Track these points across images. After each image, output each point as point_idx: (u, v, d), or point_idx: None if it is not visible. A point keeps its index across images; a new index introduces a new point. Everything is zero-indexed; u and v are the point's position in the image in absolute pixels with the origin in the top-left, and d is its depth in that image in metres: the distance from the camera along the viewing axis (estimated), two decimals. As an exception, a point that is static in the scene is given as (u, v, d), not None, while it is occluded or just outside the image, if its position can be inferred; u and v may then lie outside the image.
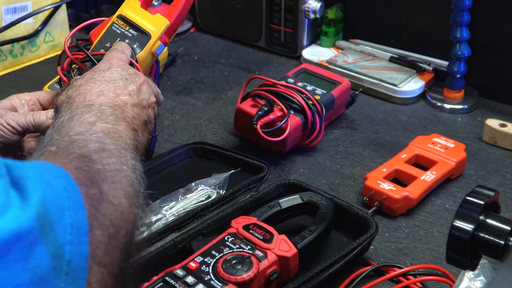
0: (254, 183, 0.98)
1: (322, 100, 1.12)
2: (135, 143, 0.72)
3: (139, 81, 0.81)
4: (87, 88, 0.75)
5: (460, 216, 0.64)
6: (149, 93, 0.82)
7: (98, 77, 0.78)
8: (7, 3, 1.32)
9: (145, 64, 0.92)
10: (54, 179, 0.54)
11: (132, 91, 0.78)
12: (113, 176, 0.61)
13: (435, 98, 1.27)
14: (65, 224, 0.52)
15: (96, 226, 0.55)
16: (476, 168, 1.08)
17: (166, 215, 0.90)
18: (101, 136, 0.66)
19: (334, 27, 1.41)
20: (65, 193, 0.54)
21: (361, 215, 0.90)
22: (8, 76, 1.36)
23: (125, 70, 0.81)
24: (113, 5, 1.68)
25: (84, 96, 0.74)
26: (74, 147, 0.62)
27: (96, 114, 0.70)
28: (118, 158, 0.64)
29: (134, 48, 0.91)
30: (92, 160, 0.61)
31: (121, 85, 0.78)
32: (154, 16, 0.93)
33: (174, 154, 1.06)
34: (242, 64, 1.42)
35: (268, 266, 0.79)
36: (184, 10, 0.93)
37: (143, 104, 0.79)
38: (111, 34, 0.92)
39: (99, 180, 0.59)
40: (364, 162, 1.10)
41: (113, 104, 0.74)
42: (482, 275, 0.78)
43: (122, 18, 0.93)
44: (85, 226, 0.54)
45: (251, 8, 1.44)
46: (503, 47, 1.23)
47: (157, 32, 0.91)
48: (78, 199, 0.55)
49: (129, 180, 0.63)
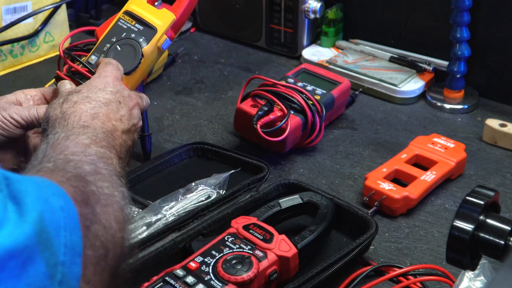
0: (254, 183, 0.98)
1: (322, 100, 1.12)
2: (122, 171, 0.73)
3: (131, 104, 0.81)
4: (82, 107, 0.75)
5: (460, 216, 0.64)
6: (138, 118, 0.82)
7: (93, 96, 0.78)
8: (7, 3, 1.32)
9: (151, 58, 0.92)
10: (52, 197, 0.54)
11: (124, 116, 0.79)
12: (106, 199, 0.61)
13: (435, 98, 1.27)
14: (59, 244, 0.52)
15: (87, 246, 0.55)
16: (476, 168, 1.08)
17: (166, 215, 0.90)
18: (95, 159, 0.66)
19: (334, 27, 1.41)
20: (62, 212, 0.54)
21: (361, 215, 0.90)
22: (8, 76, 1.36)
23: (119, 92, 0.81)
24: (113, 5, 1.68)
25: (79, 116, 0.74)
26: (70, 166, 0.63)
27: (91, 137, 0.70)
28: (110, 183, 0.64)
29: (140, 42, 0.91)
30: (87, 181, 0.61)
31: (114, 108, 0.78)
32: (160, 10, 0.93)
33: (174, 154, 1.06)
34: (242, 64, 1.42)
35: (268, 266, 0.79)
36: (190, 5, 0.93)
37: (131, 129, 0.80)
38: (117, 29, 0.93)
39: (92, 201, 0.59)
40: (364, 162, 1.10)
41: (106, 130, 0.74)
42: (482, 275, 0.78)
43: (129, 14, 0.93)
44: (79, 247, 0.54)
45: (251, 8, 1.44)
46: (503, 47, 1.23)
47: (163, 26, 0.91)
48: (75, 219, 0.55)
49: (120, 206, 0.63)
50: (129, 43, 0.91)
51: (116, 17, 0.94)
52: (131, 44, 0.91)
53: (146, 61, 0.91)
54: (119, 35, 0.92)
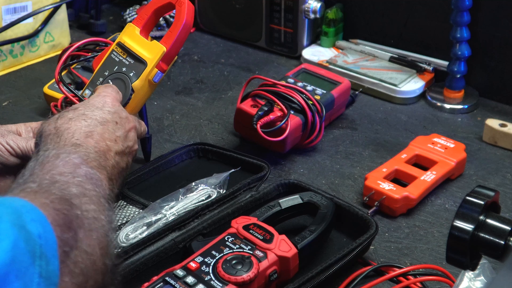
0: (255, 182, 0.98)
1: (322, 100, 1.12)
2: (112, 194, 0.71)
3: (128, 126, 0.80)
4: (77, 125, 0.74)
5: (460, 216, 0.64)
6: (134, 141, 0.81)
7: (90, 114, 0.77)
8: (7, 3, 1.32)
9: (142, 92, 0.91)
10: (30, 224, 0.53)
11: (119, 137, 0.78)
12: (90, 224, 0.60)
13: (435, 98, 1.27)
14: (33, 273, 0.51)
15: (66, 273, 0.54)
16: (476, 168, 1.08)
17: (166, 215, 0.90)
18: (84, 180, 0.65)
19: (334, 27, 1.41)
20: (39, 240, 0.52)
21: (361, 215, 0.90)
22: (8, 76, 1.36)
23: (117, 113, 0.80)
24: (113, 5, 1.68)
25: (73, 134, 0.73)
26: (56, 188, 0.61)
27: (82, 157, 0.69)
28: (97, 206, 0.63)
29: (130, 77, 0.90)
30: (72, 204, 0.60)
31: (110, 128, 0.77)
32: (151, 43, 0.92)
33: (174, 155, 1.06)
34: (242, 64, 1.42)
35: (268, 266, 0.79)
36: (181, 36, 0.92)
37: (125, 151, 0.79)
38: (110, 62, 0.92)
39: (75, 225, 0.58)
40: (364, 162, 1.10)
41: (99, 150, 0.73)
42: (482, 275, 0.78)
43: (121, 46, 0.93)
44: (55, 277, 0.53)
45: (251, 8, 1.44)
46: (503, 47, 1.23)
47: (153, 59, 0.91)
48: (52, 248, 0.53)
49: (105, 231, 0.62)
50: (120, 77, 0.91)
51: (110, 48, 0.93)
52: (122, 79, 0.90)
53: (138, 95, 0.91)
54: (111, 69, 0.92)
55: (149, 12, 0.94)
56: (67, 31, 1.46)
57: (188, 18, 0.91)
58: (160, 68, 0.91)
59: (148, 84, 0.91)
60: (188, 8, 0.92)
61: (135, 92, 0.90)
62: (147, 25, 0.94)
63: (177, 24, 0.91)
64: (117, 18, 1.61)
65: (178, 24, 0.91)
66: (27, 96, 1.29)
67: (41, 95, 1.25)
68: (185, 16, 0.91)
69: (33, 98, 1.28)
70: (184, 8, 0.91)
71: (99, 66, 0.93)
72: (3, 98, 1.28)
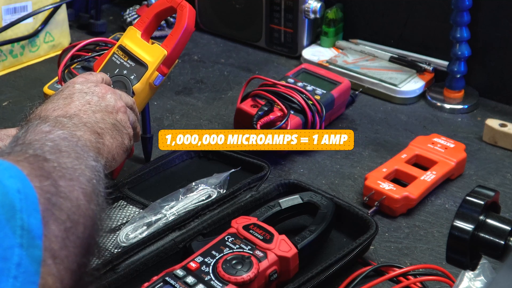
0: (255, 182, 0.98)
1: (322, 100, 1.12)
2: (97, 145, 0.72)
3: (100, 91, 0.81)
4: (43, 107, 0.75)
5: (460, 216, 0.64)
6: (115, 99, 0.82)
7: (55, 96, 0.78)
8: (7, 3, 1.32)
9: (142, 95, 0.92)
10: (8, 180, 0.53)
11: (91, 100, 0.78)
12: (71, 174, 0.60)
13: (435, 98, 1.27)
14: (14, 226, 0.51)
15: (52, 220, 0.54)
16: (476, 168, 1.08)
17: (167, 215, 0.90)
18: (57, 140, 0.65)
19: (334, 27, 1.41)
20: (18, 194, 0.52)
21: (361, 215, 0.90)
22: (8, 76, 1.36)
23: (84, 85, 0.80)
24: (113, 5, 1.68)
25: (39, 115, 0.73)
26: (29, 149, 0.61)
27: (51, 124, 0.69)
28: (75, 158, 0.63)
29: (131, 80, 0.91)
30: (46, 159, 0.60)
31: (79, 97, 0.78)
32: (152, 46, 0.93)
33: (175, 155, 1.06)
34: (242, 64, 1.42)
35: (268, 266, 0.79)
36: (182, 40, 0.92)
37: (108, 110, 0.79)
38: (111, 65, 0.93)
39: (55, 176, 0.58)
40: (364, 162, 1.10)
41: (71, 114, 0.74)
42: (482, 275, 0.78)
43: (122, 49, 0.93)
44: (38, 230, 0.52)
45: (251, 8, 1.44)
46: (503, 47, 1.23)
47: (154, 63, 0.91)
48: (33, 202, 0.53)
49: (87, 178, 0.62)
50: (121, 80, 0.91)
51: (111, 51, 0.94)
52: (123, 81, 0.91)
53: (139, 97, 0.91)
54: (112, 71, 0.92)
55: (151, 15, 0.94)
56: (67, 31, 1.46)
57: (189, 22, 0.92)
58: (161, 72, 0.92)
59: (148, 87, 0.92)
60: (190, 12, 0.92)
61: (135, 95, 0.91)
62: (149, 28, 0.95)
63: (178, 28, 0.92)
64: (117, 18, 1.61)
65: (179, 28, 0.91)
66: (27, 96, 1.29)
67: (41, 95, 1.25)
68: (186, 20, 0.91)
69: (33, 98, 1.28)
70: (186, 12, 0.92)
71: (100, 68, 0.93)
72: (3, 98, 1.28)
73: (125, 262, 0.83)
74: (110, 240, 0.89)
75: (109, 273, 0.81)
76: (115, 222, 0.92)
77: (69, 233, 0.55)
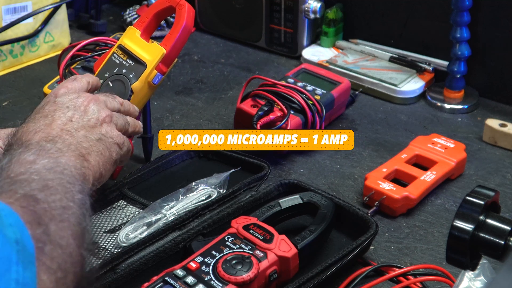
0: (255, 182, 0.98)
1: (322, 100, 1.12)
2: (83, 170, 0.70)
3: (83, 103, 0.78)
4: (24, 130, 0.73)
5: (460, 216, 0.64)
6: (98, 110, 0.79)
7: (36, 115, 0.76)
8: (7, 3, 1.32)
9: (141, 94, 0.92)
10: (8, 229, 0.52)
11: (73, 116, 0.76)
12: (60, 215, 0.59)
13: (435, 98, 1.27)
14: (9, 279, 0.50)
15: (43, 271, 0.53)
16: (476, 168, 1.08)
17: (167, 215, 0.90)
18: (43, 172, 0.63)
19: (334, 27, 1.41)
20: (16, 246, 0.51)
21: (361, 215, 0.90)
22: (8, 76, 1.36)
23: (65, 97, 0.78)
24: (113, 5, 1.68)
25: (21, 139, 0.71)
26: (17, 187, 0.60)
27: (35, 152, 0.67)
28: (63, 195, 0.62)
29: (130, 78, 0.91)
30: (37, 199, 0.59)
31: (60, 115, 0.75)
32: (151, 45, 0.93)
33: (175, 155, 1.06)
34: (242, 64, 1.42)
35: (268, 266, 0.79)
36: (181, 39, 0.93)
37: (90, 124, 0.77)
38: (111, 64, 0.93)
39: (46, 219, 0.57)
40: (364, 162, 1.10)
41: (53, 137, 0.72)
42: (482, 275, 0.78)
43: (122, 48, 0.94)
44: (32, 283, 0.52)
45: (251, 8, 1.44)
46: (503, 47, 1.23)
47: (152, 61, 0.92)
48: (30, 253, 0.53)
49: (76, 218, 0.61)
50: (119, 79, 0.92)
51: (111, 51, 0.94)
52: (122, 80, 0.91)
53: (137, 96, 0.92)
54: (112, 70, 0.93)
55: (150, 15, 0.95)
56: (67, 31, 1.46)
57: (188, 21, 0.92)
58: (159, 70, 0.92)
59: (147, 85, 0.92)
60: (188, 11, 0.93)
61: (134, 93, 0.91)
62: (148, 28, 0.95)
63: (177, 27, 0.92)
64: (117, 18, 1.61)
65: (178, 27, 0.92)
66: (27, 96, 1.29)
67: (41, 95, 1.25)
68: (185, 19, 0.92)
69: (33, 98, 1.28)
70: (184, 11, 0.92)
71: (100, 68, 0.94)
72: (3, 98, 1.28)
73: (125, 262, 0.83)
74: (110, 240, 0.89)
75: (109, 273, 0.81)
76: (115, 222, 0.92)
77: (59, 283, 0.55)
